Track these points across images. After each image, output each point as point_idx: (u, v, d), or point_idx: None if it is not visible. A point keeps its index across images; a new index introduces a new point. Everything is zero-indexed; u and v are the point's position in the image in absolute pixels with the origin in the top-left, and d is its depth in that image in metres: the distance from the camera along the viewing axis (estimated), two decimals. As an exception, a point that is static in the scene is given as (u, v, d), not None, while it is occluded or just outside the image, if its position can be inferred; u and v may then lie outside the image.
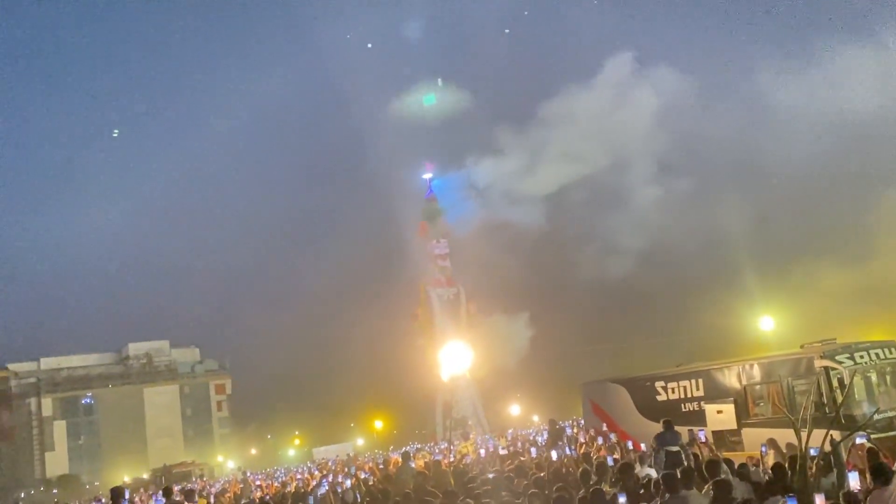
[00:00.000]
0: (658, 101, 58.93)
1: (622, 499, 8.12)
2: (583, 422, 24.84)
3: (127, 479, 66.98)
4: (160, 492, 18.30)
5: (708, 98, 64.41)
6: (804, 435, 8.84)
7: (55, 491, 77.99)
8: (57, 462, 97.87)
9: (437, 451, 32.92)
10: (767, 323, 34.84)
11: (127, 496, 16.97)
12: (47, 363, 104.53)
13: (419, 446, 42.81)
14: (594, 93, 61.56)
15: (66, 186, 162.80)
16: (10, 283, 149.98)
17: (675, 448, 13.50)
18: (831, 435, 10.04)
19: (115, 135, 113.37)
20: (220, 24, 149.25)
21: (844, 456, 10.76)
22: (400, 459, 19.07)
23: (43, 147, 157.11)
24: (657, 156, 60.59)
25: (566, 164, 61.31)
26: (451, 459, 18.82)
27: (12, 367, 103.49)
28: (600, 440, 16.89)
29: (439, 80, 78.63)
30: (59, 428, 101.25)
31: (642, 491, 10.36)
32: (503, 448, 22.81)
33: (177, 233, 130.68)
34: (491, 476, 13.02)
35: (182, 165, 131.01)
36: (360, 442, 71.51)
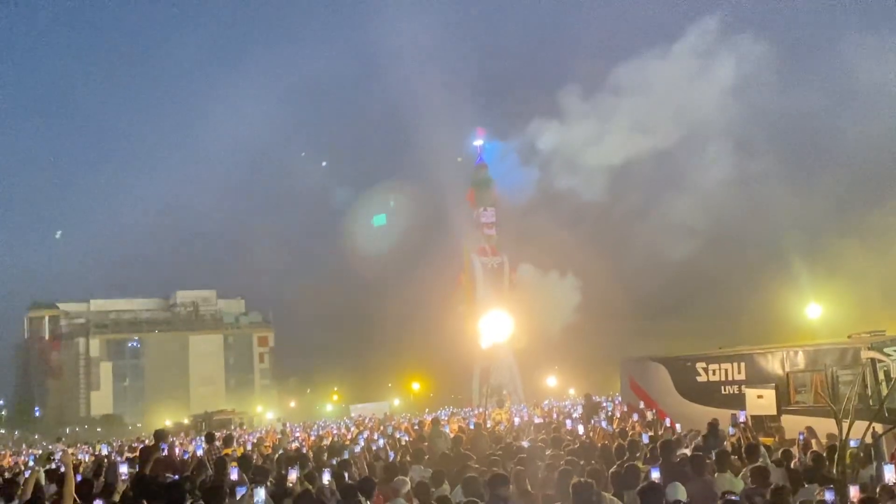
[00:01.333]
0: (736, 72, 56.15)
1: (655, 473, 8.11)
2: (619, 398, 24.81)
3: (168, 422, 68.63)
4: (201, 437, 18.76)
5: (789, 71, 61.76)
6: (846, 426, 8.75)
7: (99, 429, 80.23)
8: (102, 402, 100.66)
9: (471, 416, 33.16)
10: (815, 311, 34.26)
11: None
12: (96, 305, 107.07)
13: (454, 410, 43.14)
14: (668, 60, 59.25)
15: (123, 136, 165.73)
16: (64, 224, 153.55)
17: None
18: (874, 427, 9.92)
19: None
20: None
21: (886, 450, 10.62)
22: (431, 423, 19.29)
23: (101, 99, 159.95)
24: (724, 130, 58.39)
25: (628, 135, 59.72)
26: (488, 426, 18.98)
27: (63, 306, 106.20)
28: (636, 417, 16.85)
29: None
30: (106, 369, 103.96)
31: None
32: (538, 418, 22.92)
33: (229, 188, 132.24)
34: (525, 444, 13.09)
35: (236, 124, 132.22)
36: (397, 402, 72.34)
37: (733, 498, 7.71)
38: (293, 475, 9.13)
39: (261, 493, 7.14)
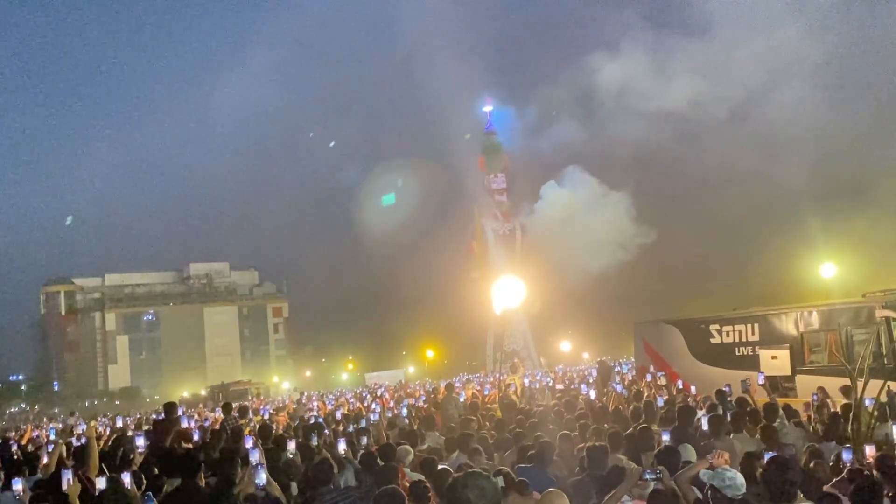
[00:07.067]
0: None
1: (665, 436, 8.12)
2: (633, 362, 24.81)
3: (186, 394, 69.31)
4: (219, 408, 18.91)
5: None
6: (860, 384, 8.72)
7: (117, 402, 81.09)
8: (119, 375, 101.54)
9: (486, 382, 33.26)
10: (829, 270, 34.00)
11: (181, 411, 17.56)
12: (111, 279, 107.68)
13: (468, 377, 43.25)
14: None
15: (135, 107, 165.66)
16: (78, 200, 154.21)
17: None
18: (888, 386, 9.90)
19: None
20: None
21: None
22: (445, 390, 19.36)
23: (112, 69, 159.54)
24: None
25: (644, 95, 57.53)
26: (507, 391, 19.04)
27: (78, 281, 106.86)
28: (648, 378, 16.83)
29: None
30: (122, 342, 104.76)
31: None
32: (557, 383, 22.91)
33: (240, 160, 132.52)
34: (539, 409, 13.13)
35: (247, 98, 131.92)
36: (412, 370, 72.69)
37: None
38: (291, 446, 9.18)
39: (262, 476, 6.89)
